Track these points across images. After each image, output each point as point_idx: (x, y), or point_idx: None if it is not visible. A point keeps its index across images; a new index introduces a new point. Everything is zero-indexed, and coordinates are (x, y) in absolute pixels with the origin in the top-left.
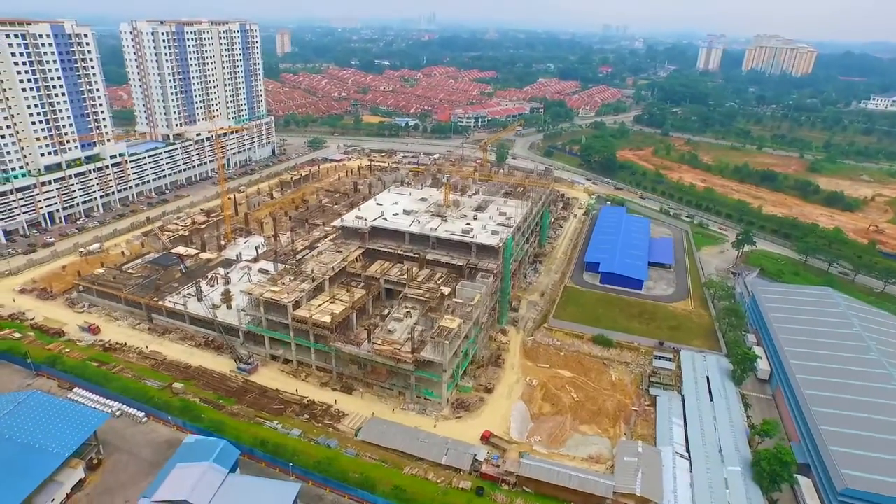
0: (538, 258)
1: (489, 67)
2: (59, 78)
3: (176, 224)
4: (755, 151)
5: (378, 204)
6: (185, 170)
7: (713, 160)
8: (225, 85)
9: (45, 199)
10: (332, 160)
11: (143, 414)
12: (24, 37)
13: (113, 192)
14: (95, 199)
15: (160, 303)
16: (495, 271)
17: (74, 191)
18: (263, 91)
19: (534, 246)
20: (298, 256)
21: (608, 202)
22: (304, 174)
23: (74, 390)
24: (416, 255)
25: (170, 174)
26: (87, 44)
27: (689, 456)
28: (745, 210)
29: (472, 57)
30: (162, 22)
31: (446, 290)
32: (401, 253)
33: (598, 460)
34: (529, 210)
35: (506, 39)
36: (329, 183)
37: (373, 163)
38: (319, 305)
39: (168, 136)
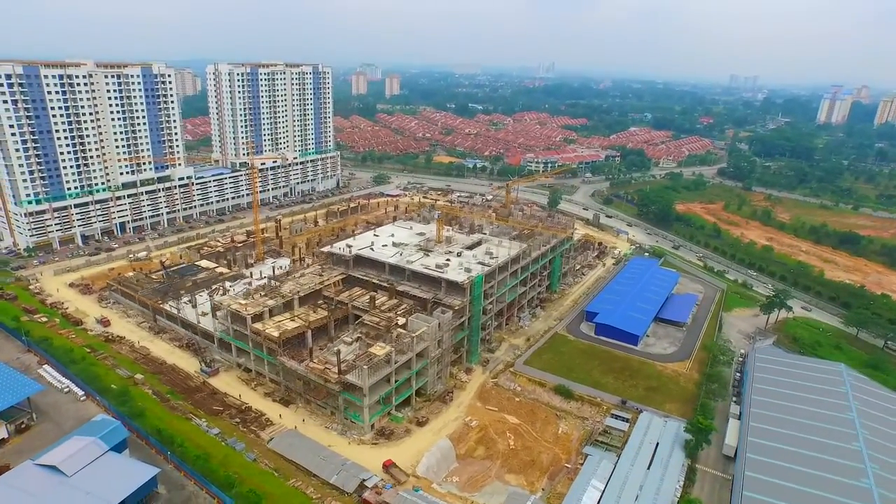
0: (543, 303)
1: (581, 115)
2: (142, 110)
3: (218, 242)
4: (849, 212)
5: (375, 235)
6: (247, 195)
7: (791, 218)
8: (294, 121)
9: (118, 211)
10: (387, 195)
11: (83, 393)
12: (118, 77)
13: (178, 210)
14: (162, 214)
15: (162, 306)
16: (457, 307)
17: (144, 206)
18: (332, 127)
19: (540, 290)
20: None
21: (646, 253)
22: (352, 206)
23: (44, 367)
24: (389, 286)
25: (232, 198)
26: (170, 82)
27: None
28: (802, 273)
29: (568, 104)
30: (243, 64)
31: (401, 321)
32: (376, 282)
33: None
34: (524, 252)
35: (618, 89)
36: (374, 216)
37: (427, 200)
38: (279, 321)
39: (235, 163)
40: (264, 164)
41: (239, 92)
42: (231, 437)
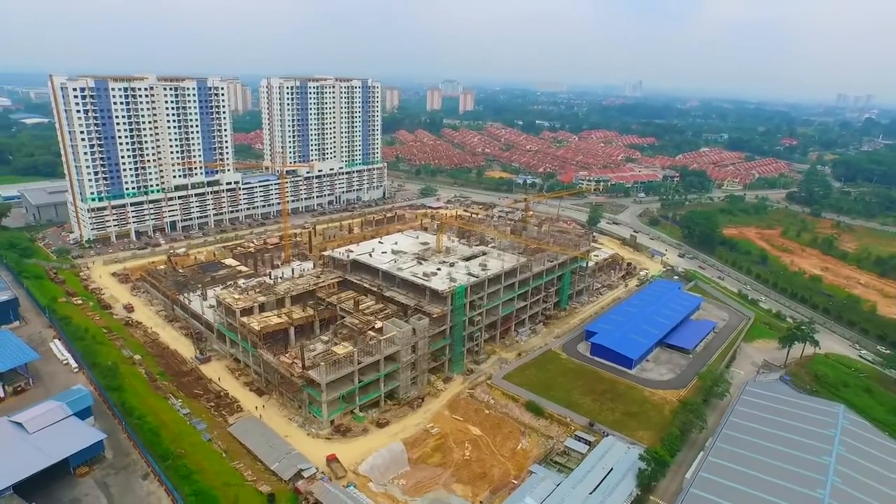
0: (548, 319)
1: (650, 134)
2: (196, 119)
3: (251, 243)
4: None
5: (380, 242)
6: (292, 201)
7: (857, 248)
8: (341, 132)
9: (169, 211)
10: (429, 207)
11: (76, 365)
12: (176, 90)
13: (224, 212)
14: (209, 215)
15: (178, 297)
16: (435, 315)
17: (193, 207)
18: (380, 139)
19: (545, 307)
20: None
21: (675, 276)
22: (388, 216)
23: (55, 341)
24: (377, 291)
25: (277, 203)
26: (223, 94)
27: None
28: (848, 306)
29: (641, 123)
30: (294, 78)
31: (378, 325)
32: (367, 286)
33: None
34: (522, 266)
35: (705, 109)
36: (410, 227)
37: (466, 213)
38: (266, 317)
39: (282, 171)
40: (309, 172)
41: (288, 104)
42: (198, 417)
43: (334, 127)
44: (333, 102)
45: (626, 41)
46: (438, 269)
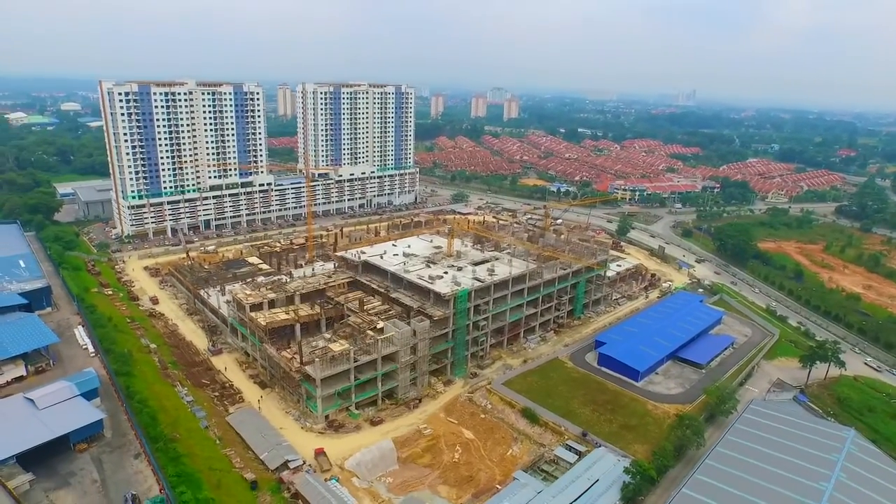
0: (561, 328)
1: (696, 143)
2: (232, 123)
3: (279, 243)
4: None
5: (393, 245)
6: (323, 203)
7: None
8: (374, 137)
9: (203, 210)
10: (458, 213)
11: (94, 351)
12: (213, 94)
13: (256, 212)
14: (241, 215)
15: (198, 291)
16: (436, 318)
17: (226, 207)
18: (413, 144)
19: (558, 314)
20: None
21: (701, 290)
22: (415, 220)
23: (79, 326)
24: (384, 292)
25: None
26: (258, 99)
27: None
28: (886, 327)
29: (687, 132)
30: (328, 84)
31: (380, 325)
32: (376, 287)
33: None
34: (532, 273)
35: (761, 118)
36: (436, 231)
37: (493, 219)
38: (273, 313)
39: (314, 174)
40: (340, 175)
41: (321, 109)
42: (199, 406)
43: (367, 131)
44: (366, 108)
45: (682, 50)
46: (445, 272)
